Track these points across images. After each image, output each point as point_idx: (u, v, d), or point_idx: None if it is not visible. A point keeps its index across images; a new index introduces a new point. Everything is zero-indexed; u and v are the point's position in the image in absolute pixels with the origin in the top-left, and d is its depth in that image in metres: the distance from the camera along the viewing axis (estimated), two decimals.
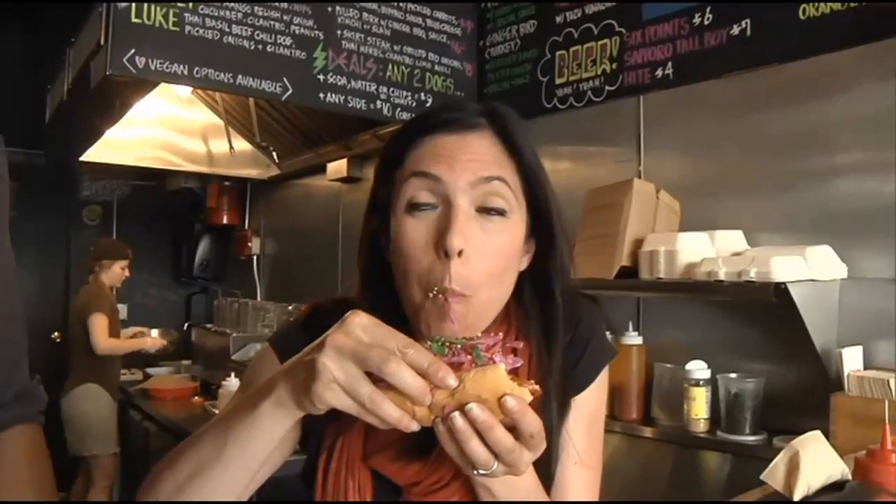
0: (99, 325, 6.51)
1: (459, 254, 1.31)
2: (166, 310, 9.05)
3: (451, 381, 1.09)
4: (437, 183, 1.36)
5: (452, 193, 1.35)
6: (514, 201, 1.39)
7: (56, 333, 7.96)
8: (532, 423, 1.12)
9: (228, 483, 1.27)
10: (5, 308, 1.52)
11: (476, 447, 1.12)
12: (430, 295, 1.33)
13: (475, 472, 1.17)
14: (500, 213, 1.38)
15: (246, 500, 1.33)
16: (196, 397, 6.43)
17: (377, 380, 1.09)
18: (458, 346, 1.15)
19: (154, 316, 8.57)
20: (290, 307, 6.57)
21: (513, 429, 1.12)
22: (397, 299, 1.43)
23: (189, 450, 1.30)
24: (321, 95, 4.40)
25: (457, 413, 1.10)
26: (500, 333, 1.24)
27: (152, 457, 5.61)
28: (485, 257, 1.35)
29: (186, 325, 8.58)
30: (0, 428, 1.50)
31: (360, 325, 1.13)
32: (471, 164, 1.37)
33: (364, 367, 1.09)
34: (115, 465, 6.64)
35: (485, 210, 1.37)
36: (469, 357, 1.13)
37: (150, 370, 7.60)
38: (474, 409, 1.09)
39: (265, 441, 1.22)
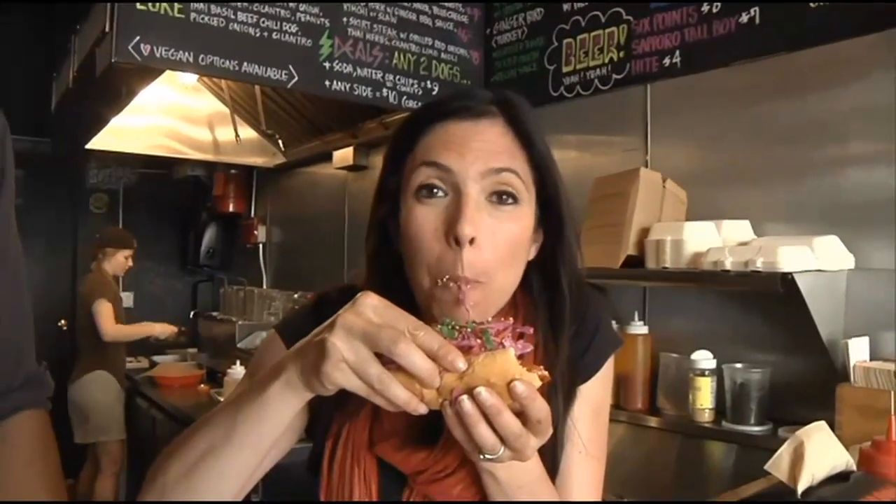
0: (104, 311, 6.51)
1: (471, 242, 1.31)
2: (172, 298, 9.06)
3: (461, 364, 1.09)
4: (448, 172, 1.35)
5: (463, 182, 1.34)
6: (524, 191, 1.39)
7: (63, 321, 7.97)
8: (540, 408, 1.12)
9: (237, 466, 1.27)
10: (13, 295, 1.54)
11: (483, 431, 1.12)
12: (441, 282, 1.33)
13: (481, 456, 1.17)
14: (511, 202, 1.37)
15: (250, 498, 1.33)
16: (202, 385, 6.43)
17: (387, 362, 1.09)
18: (469, 329, 1.15)
19: (160, 304, 8.61)
20: (295, 295, 6.59)
21: (520, 414, 1.12)
22: (404, 287, 1.43)
23: (198, 432, 1.30)
24: (327, 83, 4.40)
25: (465, 397, 1.10)
26: (511, 318, 1.23)
27: (159, 444, 5.64)
28: (495, 245, 1.34)
29: (192, 313, 8.58)
30: (9, 412, 1.52)
31: (371, 306, 1.14)
32: (481, 153, 1.36)
33: (374, 348, 1.09)
34: (122, 451, 6.66)
35: (495, 199, 1.37)
36: (479, 341, 1.13)
37: (156, 358, 7.62)
38: (483, 393, 1.09)
39: (274, 423, 1.22)
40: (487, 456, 1.16)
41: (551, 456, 1.41)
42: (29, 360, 1.58)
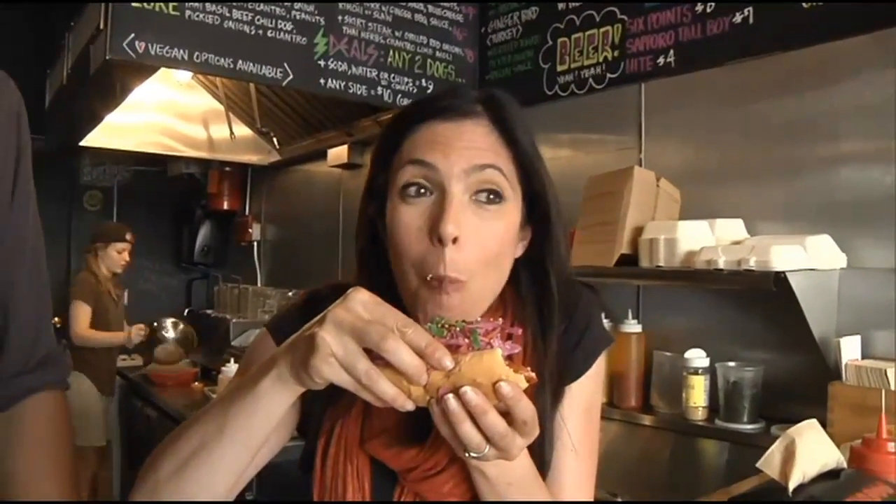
0: (76, 313, 6.44)
1: (454, 241, 1.31)
2: (167, 295, 9.07)
3: (448, 362, 1.09)
4: (432, 171, 1.36)
5: (447, 181, 1.35)
6: (508, 189, 1.39)
7: (56, 319, 7.92)
8: (525, 409, 1.12)
9: (229, 461, 1.26)
10: (32, 273, 1.56)
11: (469, 430, 1.12)
12: (427, 279, 1.33)
13: (467, 454, 1.18)
14: (495, 200, 1.38)
15: (244, 496, 1.33)
16: (196, 383, 6.41)
17: (375, 358, 1.10)
18: (457, 328, 1.15)
19: (155, 301, 8.58)
20: (290, 293, 6.59)
21: (506, 414, 1.13)
22: (394, 285, 1.43)
23: (190, 429, 1.30)
24: (322, 81, 4.41)
25: (451, 395, 1.11)
26: (500, 319, 1.23)
27: (153, 442, 5.64)
28: (479, 244, 1.35)
29: (187, 310, 8.58)
30: (23, 395, 1.53)
31: (361, 302, 1.14)
32: (466, 151, 1.37)
33: (362, 343, 1.09)
34: (98, 458, 6.52)
35: (480, 198, 1.37)
36: (467, 340, 1.13)
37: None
38: (468, 392, 1.10)
39: (266, 418, 1.22)
40: (473, 454, 1.17)
41: (539, 454, 1.41)
42: (48, 339, 1.60)
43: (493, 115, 1.43)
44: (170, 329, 7.22)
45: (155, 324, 7.08)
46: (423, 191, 1.37)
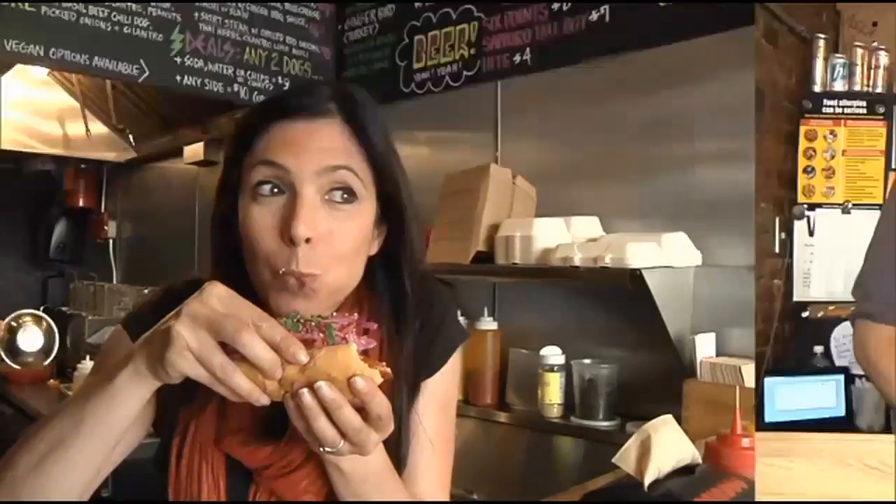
0: None
1: (307, 241, 1.31)
2: (22, 293, 8.86)
3: (302, 356, 1.10)
4: (284, 172, 1.35)
5: (298, 182, 1.34)
6: (361, 189, 1.40)
7: None
8: (380, 404, 1.14)
9: (86, 457, 1.25)
10: None
11: (323, 425, 1.13)
12: (280, 272, 1.33)
13: (322, 449, 1.19)
14: (348, 200, 1.38)
15: (100, 494, 1.31)
16: (52, 380, 6.25)
17: (231, 352, 1.10)
18: (312, 323, 1.16)
19: (9, 299, 8.38)
20: (146, 290, 6.50)
21: (361, 409, 1.14)
22: (249, 280, 1.42)
23: (47, 425, 1.28)
24: (178, 78, 4.40)
25: (305, 390, 1.12)
26: (355, 314, 1.24)
27: (8, 441, 5.50)
28: (331, 244, 1.35)
29: (42, 307, 8.40)
30: None
31: (217, 296, 1.15)
32: (317, 153, 1.37)
33: (218, 337, 1.10)
34: None
35: (332, 197, 1.37)
36: (322, 335, 1.14)
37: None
38: (323, 387, 1.11)
39: (123, 413, 1.21)
40: (328, 449, 1.18)
41: (395, 450, 1.42)
42: None
43: (346, 114, 1.42)
44: (31, 325, 6.97)
45: (13, 322, 6.86)
46: (275, 190, 1.36)
